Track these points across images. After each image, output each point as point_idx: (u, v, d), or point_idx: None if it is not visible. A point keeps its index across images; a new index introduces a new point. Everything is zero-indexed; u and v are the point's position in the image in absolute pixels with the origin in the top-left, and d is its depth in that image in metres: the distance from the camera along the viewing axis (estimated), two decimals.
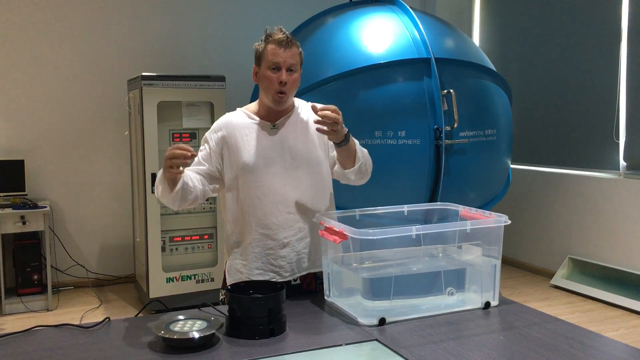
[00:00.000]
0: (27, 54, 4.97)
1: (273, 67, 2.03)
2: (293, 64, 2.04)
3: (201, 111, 4.58)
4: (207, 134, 2.14)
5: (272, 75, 2.03)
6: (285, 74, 2.03)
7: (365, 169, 2.12)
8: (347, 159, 2.06)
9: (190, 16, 5.45)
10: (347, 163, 2.08)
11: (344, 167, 2.10)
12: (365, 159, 2.11)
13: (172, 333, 1.61)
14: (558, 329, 1.73)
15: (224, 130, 2.11)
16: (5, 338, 1.69)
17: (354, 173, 2.09)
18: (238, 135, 2.09)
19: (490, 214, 1.98)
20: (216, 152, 2.09)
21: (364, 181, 2.15)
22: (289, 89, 2.05)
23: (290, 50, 2.03)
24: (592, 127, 5.03)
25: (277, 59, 2.02)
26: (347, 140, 1.99)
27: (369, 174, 2.16)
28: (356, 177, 2.12)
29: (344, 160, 2.08)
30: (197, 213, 4.64)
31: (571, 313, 4.41)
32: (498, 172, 4.25)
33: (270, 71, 2.04)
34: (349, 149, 2.02)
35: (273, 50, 2.03)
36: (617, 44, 4.78)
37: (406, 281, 1.85)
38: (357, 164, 2.06)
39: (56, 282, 5.01)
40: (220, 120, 2.15)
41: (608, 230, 4.86)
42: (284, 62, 2.02)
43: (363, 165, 2.09)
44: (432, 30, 4.03)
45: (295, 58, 2.05)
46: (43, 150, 5.05)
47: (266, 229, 2.08)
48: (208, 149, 2.11)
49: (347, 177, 2.13)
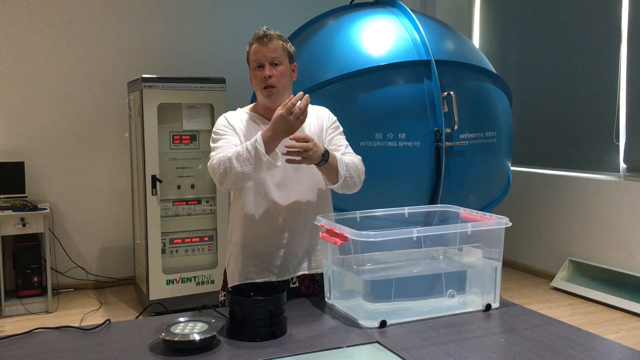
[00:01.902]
0: (28, 57, 4.98)
1: (257, 65, 2.05)
2: (275, 57, 2.04)
3: (201, 113, 4.59)
4: (222, 123, 2.09)
5: (257, 73, 2.05)
6: (269, 68, 2.03)
7: (353, 182, 2.06)
8: (329, 175, 2.01)
9: (190, 18, 5.46)
10: (330, 179, 2.03)
11: (329, 183, 2.05)
12: (352, 171, 2.04)
13: (172, 335, 1.60)
14: (558, 331, 1.72)
15: (234, 122, 2.10)
16: (5, 340, 1.68)
17: (338, 189, 2.05)
18: (241, 134, 2.09)
19: (491, 216, 1.98)
20: (240, 140, 2.06)
21: (353, 191, 2.10)
22: (276, 82, 2.04)
23: (270, 44, 2.04)
24: (592, 129, 5.04)
25: (258, 57, 2.04)
26: (326, 159, 1.94)
27: (359, 184, 2.10)
28: (343, 190, 2.06)
29: (327, 177, 2.03)
30: (197, 215, 4.64)
31: (571, 315, 4.41)
32: (498, 174, 4.25)
33: (256, 70, 2.06)
34: (330, 166, 1.97)
35: (254, 50, 2.06)
36: (617, 46, 4.79)
37: (407, 283, 1.85)
38: (339, 181, 2.00)
39: (56, 284, 5.01)
40: (228, 114, 2.14)
41: (608, 233, 4.86)
42: (264, 57, 2.03)
43: (349, 179, 2.03)
44: (432, 32, 4.03)
45: (278, 51, 2.04)
46: (43, 152, 5.05)
47: (265, 230, 2.09)
48: (234, 136, 2.05)
49: (333, 190, 2.10)
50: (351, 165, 2.05)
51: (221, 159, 1.92)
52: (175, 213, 4.58)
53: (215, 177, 1.96)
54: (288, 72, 2.09)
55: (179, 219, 4.59)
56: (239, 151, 1.89)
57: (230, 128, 2.08)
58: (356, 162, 2.09)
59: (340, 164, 2.00)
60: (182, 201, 4.61)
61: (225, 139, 2.04)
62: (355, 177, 2.06)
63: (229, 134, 2.06)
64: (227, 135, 2.05)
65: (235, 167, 1.87)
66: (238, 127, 2.09)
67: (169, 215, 4.55)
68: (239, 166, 1.87)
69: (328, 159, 1.94)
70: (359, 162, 2.12)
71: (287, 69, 2.08)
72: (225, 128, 2.08)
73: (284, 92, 2.09)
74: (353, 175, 2.05)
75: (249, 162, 1.86)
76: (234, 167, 1.88)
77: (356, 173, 2.07)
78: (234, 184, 1.94)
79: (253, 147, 1.85)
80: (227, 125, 2.08)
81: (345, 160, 2.04)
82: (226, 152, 1.93)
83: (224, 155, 1.92)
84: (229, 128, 2.07)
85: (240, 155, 1.87)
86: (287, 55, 2.08)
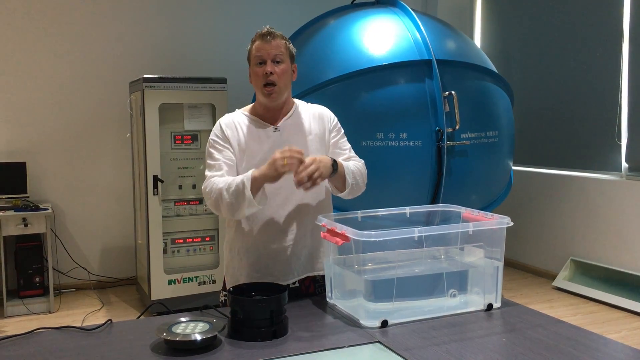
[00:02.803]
0: (30, 57, 4.98)
1: (259, 62, 2.04)
2: (278, 54, 2.03)
3: (203, 113, 4.59)
4: (217, 134, 2.08)
5: (258, 69, 2.04)
6: (271, 65, 2.02)
7: (358, 188, 2.11)
8: (337, 183, 2.06)
9: (191, 18, 5.46)
10: (337, 187, 2.08)
11: (336, 192, 2.10)
12: (358, 178, 2.08)
13: (174, 335, 1.61)
14: (560, 331, 1.72)
15: (229, 131, 2.08)
16: (6, 340, 1.69)
17: (346, 195, 2.10)
18: (241, 137, 2.08)
19: (493, 216, 1.98)
20: (233, 155, 2.07)
21: (357, 195, 2.15)
22: (277, 79, 2.03)
23: (273, 42, 2.03)
24: (594, 129, 5.03)
25: (261, 53, 2.03)
26: (335, 170, 1.98)
27: (364, 189, 2.15)
28: (349, 197, 2.12)
29: (336, 185, 2.08)
30: (198, 215, 4.64)
31: (573, 315, 4.41)
32: (500, 174, 4.24)
33: (257, 66, 2.05)
34: (338, 176, 2.01)
35: (257, 46, 2.05)
36: (619, 45, 4.78)
37: (408, 283, 1.85)
38: (347, 189, 2.06)
39: (58, 284, 5.01)
40: (224, 120, 2.12)
41: (610, 232, 4.85)
42: (267, 54, 2.02)
43: (355, 185, 2.08)
44: (434, 32, 4.03)
45: (280, 49, 2.04)
46: (45, 153, 5.06)
47: (266, 233, 2.08)
48: (229, 152, 2.06)
49: (339, 196, 2.13)
50: (356, 172, 2.10)
51: (213, 188, 1.96)
52: (177, 213, 4.58)
53: (208, 204, 2.01)
54: (289, 72, 2.09)
55: (181, 219, 4.60)
56: (229, 183, 1.93)
57: (225, 140, 2.07)
58: (360, 167, 2.14)
59: (347, 172, 2.04)
60: (184, 201, 4.61)
61: (218, 158, 2.04)
62: (360, 183, 2.12)
63: (223, 149, 2.05)
64: (222, 151, 2.05)
65: (225, 198, 1.92)
66: (233, 136, 2.07)
67: (171, 215, 4.55)
68: (228, 198, 1.91)
69: (337, 169, 1.98)
70: (362, 166, 2.16)
71: (288, 68, 2.08)
72: (220, 141, 2.07)
73: (284, 92, 2.08)
74: (359, 181, 2.11)
75: (235, 195, 1.90)
76: (224, 199, 1.92)
77: (361, 178, 2.12)
78: (230, 215, 1.97)
79: (242, 182, 1.89)
80: (222, 138, 2.07)
81: (350, 167, 2.08)
82: (217, 182, 1.96)
83: (216, 185, 1.96)
84: (223, 141, 2.07)
85: (230, 187, 1.92)
86: (289, 54, 2.08)
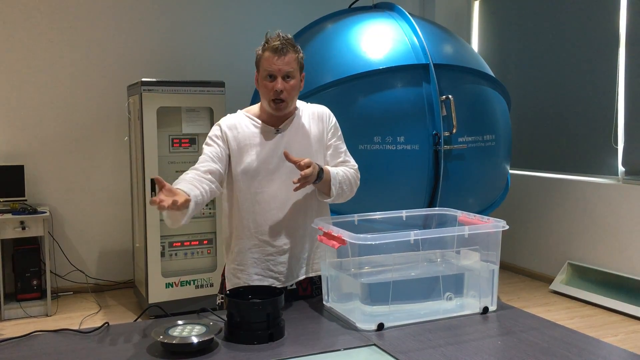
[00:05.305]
0: (28, 60, 4.98)
1: (269, 75, 2.02)
2: (289, 71, 2.02)
3: (201, 117, 4.59)
4: (213, 131, 2.11)
5: (267, 83, 2.03)
6: (281, 82, 2.01)
7: (345, 195, 2.13)
8: (324, 189, 2.07)
9: (189, 22, 5.47)
10: (323, 192, 2.09)
11: (322, 197, 2.11)
12: (344, 185, 2.09)
13: (171, 338, 1.61)
14: (557, 335, 1.73)
15: (229, 132, 2.09)
16: (4, 343, 1.69)
17: (331, 201, 2.12)
18: (241, 138, 2.08)
19: (488, 219, 1.99)
20: (225, 152, 2.08)
21: (345, 200, 2.17)
22: (287, 96, 2.03)
23: (285, 57, 2.01)
24: (590, 133, 5.04)
25: (272, 68, 2.01)
26: (320, 177, 2.00)
27: (351, 195, 2.16)
28: (334, 202, 2.13)
29: (323, 191, 2.09)
30: (196, 218, 4.64)
31: (570, 318, 4.41)
32: (497, 178, 4.25)
33: (266, 80, 2.03)
34: (323, 183, 2.03)
35: (268, 59, 2.01)
36: (616, 50, 4.80)
37: (405, 286, 1.86)
38: (331, 197, 2.07)
39: (55, 287, 5.00)
40: (225, 121, 2.13)
41: (607, 236, 4.86)
42: (278, 70, 2.00)
43: (341, 194, 2.09)
44: (431, 36, 4.04)
45: (292, 65, 2.03)
46: (43, 156, 5.06)
47: (265, 235, 2.09)
48: (218, 148, 2.07)
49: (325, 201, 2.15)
50: (344, 181, 2.10)
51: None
52: None
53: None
54: (298, 84, 2.09)
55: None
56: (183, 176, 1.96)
57: (220, 138, 2.08)
58: (349, 175, 2.13)
59: (333, 182, 2.05)
60: None
61: (206, 150, 2.07)
62: (347, 191, 2.12)
63: (214, 144, 2.08)
64: (211, 145, 2.08)
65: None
66: (232, 136, 2.08)
67: None
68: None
69: (322, 176, 2.00)
70: (352, 173, 2.15)
71: (298, 82, 2.09)
72: (215, 137, 2.09)
73: (292, 104, 2.10)
74: (345, 190, 2.11)
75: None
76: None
77: (349, 187, 2.12)
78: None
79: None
80: (218, 135, 2.09)
81: (339, 175, 2.08)
82: (188, 171, 2.00)
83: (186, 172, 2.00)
84: (218, 138, 2.09)
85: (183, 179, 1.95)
86: (299, 67, 2.08)
